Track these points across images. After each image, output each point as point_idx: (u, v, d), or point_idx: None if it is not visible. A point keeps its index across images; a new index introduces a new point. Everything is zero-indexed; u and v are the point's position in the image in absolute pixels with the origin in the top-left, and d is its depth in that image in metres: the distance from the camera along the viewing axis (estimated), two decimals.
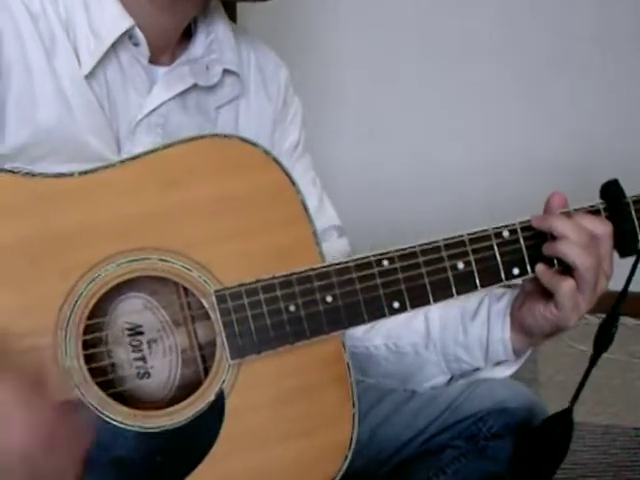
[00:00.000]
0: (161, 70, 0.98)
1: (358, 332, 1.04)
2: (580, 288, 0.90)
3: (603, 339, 0.95)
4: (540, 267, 0.92)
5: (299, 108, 1.15)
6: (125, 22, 0.92)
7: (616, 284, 0.95)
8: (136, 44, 0.94)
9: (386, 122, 2.51)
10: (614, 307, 0.95)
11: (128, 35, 0.93)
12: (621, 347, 2.27)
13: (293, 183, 0.88)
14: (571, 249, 0.89)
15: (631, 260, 0.96)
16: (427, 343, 1.04)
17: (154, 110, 0.97)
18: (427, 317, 1.04)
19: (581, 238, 0.89)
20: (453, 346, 1.02)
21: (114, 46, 0.93)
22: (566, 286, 0.89)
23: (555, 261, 0.92)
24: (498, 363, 1.03)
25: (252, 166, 0.88)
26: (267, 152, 0.88)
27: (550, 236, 0.91)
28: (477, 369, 1.04)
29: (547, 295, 0.93)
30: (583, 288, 0.90)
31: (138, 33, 0.93)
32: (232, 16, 1.10)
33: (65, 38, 0.91)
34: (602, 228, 0.90)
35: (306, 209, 0.89)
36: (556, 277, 0.91)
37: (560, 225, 0.90)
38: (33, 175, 0.82)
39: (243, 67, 1.06)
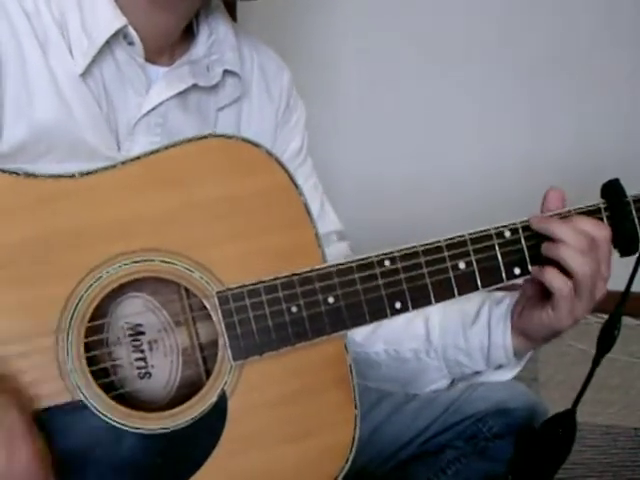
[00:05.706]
0: (161, 70, 0.98)
1: (358, 338, 1.03)
2: (577, 293, 0.88)
3: (606, 340, 0.95)
4: (535, 268, 0.90)
5: (303, 112, 1.14)
6: (117, 22, 0.92)
7: (616, 284, 0.94)
8: (131, 43, 0.94)
9: (387, 124, 2.50)
10: (616, 308, 0.95)
11: (122, 34, 0.93)
12: (621, 347, 2.24)
13: (296, 185, 0.88)
14: (570, 255, 0.87)
15: (632, 259, 0.95)
16: (428, 349, 1.02)
17: (153, 109, 0.96)
18: (427, 322, 1.02)
19: (580, 243, 0.88)
20: (454, 351, 1.01)
21: (110, 45, 0.93)
22: (564, 286, 0.88)
23: None
24: (499, 366, 1.01)
25: (255, 167, 0.88)
26: (270, 153, 0.88)
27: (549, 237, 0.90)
28: (478, 372, 1.02)
29: (545, 299, 0.92)
30: (580, 293, 0.88)
31: (131, 32, 0.93)
32: (232, 17, 1.09)
33: (59, 37, 0.90)
34: (601, 232, 0.89)
35: (308, 211, 0.88)
36: (554, 273, 0.89)
37: (559, 230, 0.88)
38: (35, 176, 0.82)
39: (245, 68, 1.05)
